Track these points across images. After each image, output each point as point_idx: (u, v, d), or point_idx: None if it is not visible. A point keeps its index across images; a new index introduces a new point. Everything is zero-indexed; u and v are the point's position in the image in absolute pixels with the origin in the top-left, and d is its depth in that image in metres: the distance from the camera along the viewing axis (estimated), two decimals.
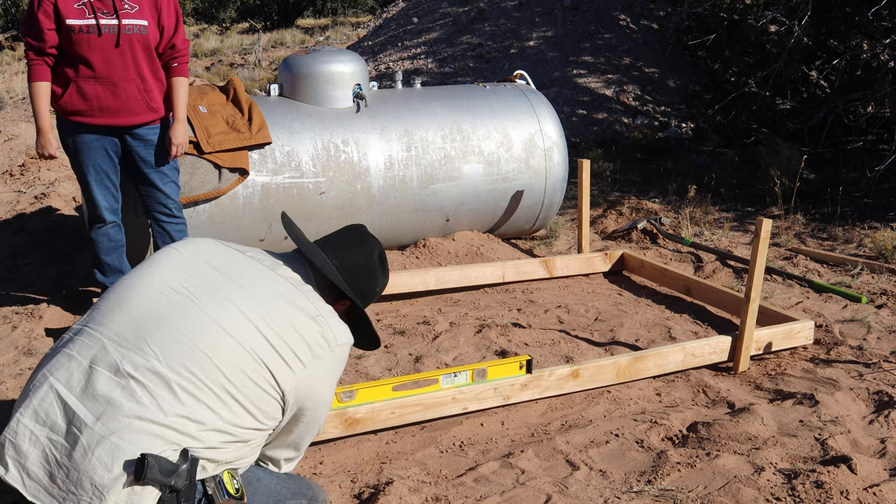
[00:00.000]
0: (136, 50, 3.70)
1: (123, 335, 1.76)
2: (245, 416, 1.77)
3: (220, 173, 4.40)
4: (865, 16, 7.53)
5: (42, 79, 3.66)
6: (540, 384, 3.25)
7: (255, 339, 1.80)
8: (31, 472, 1.67)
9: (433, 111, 5.14)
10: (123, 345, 1.74)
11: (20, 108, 9.78)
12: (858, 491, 2.60)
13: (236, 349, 1.78)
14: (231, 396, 1.75)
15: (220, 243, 2.04)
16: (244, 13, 21.84)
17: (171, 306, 1.81)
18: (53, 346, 1.84)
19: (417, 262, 4.92)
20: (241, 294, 1.86)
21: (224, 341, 1.77)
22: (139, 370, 1.70)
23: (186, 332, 1.76)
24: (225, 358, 1.76)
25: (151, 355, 1.73)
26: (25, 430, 1.69)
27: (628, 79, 10.05)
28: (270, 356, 1.80)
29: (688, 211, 6.12)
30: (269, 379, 1.80)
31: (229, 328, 1.79)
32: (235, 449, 1.79)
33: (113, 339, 1.76)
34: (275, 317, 1.85)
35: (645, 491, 2.65)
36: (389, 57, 11.30)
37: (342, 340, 1.94)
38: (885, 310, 4.39)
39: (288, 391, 1.83)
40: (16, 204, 6.07)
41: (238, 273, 1.92)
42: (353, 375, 3.55)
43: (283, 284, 1.93)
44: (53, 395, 1.71)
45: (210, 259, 1.95)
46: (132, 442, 1.65)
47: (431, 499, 2.58)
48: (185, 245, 2.01)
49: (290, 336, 1.84)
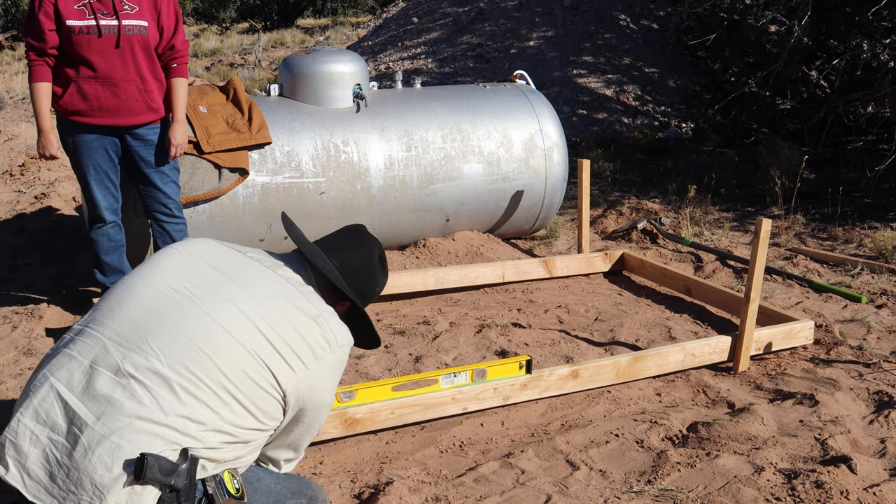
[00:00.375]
0: (136, 50, 3.70)
1: (124, 335, 1.76)
2: (246, 416, 1.77)
3: (220, 173, 4.40)
4: (865, 16, 7.53)
5: (43, 79, 3.66)
6: (540, 384, 3.25)
7: (256, 340, 1.80)
8: (31, 472, 1.67)
9: (433, 111, 5.14)
10: (124, 345, 1.75)
11: (20, 108, 9.79)
12: (858, 491, 2.60)
13: (237, 349, 1.78)
14: (232, 396, 1.75)
15: (220, 244, 2.05)
16: (244, 13, 21.85)
17: (171, 306, 1.81)
18: (54, 347, 1.85)
19: (417, 262, 4.92)
20: (242, 294, 1.86)
21: (225, 341, 1.78)
22: (140, 370, 1.71)
23: (187, 332, 1.77)
24: (226, 358, 1.76)
25: (152, 355, 1.73)
26: (26, 430, 1.69)
27: (628, 79, 10.06)
28: (272, 356, 1.81)
29: (688, 211, 6.12)
30: (271, 379, 1.80)
31: (230, 328, 1.79)
32: (236, 449, 1.80)
33: (114, 339, 1.76)
34: (276, 317, 1.85)
35: (645, 491, 2.65)
36: (389, 57, 11.30)
37: (343, 341, 1.95)
38: (885, 310, 4.39)
39: (289, 392, 1.83)
40: (16, 204, 6.07)
41: (238, 273, 1.92)
42: (353, 375, 3.55)
43: (283, 285, 1.93)
44: (54, 395, 1.71)
45: (210, 259, 1.95)
46: (133, 442, 1.65)
47: (431, 499, 2.58)
48: (186, 245, 2.02)
49: (292, 336, 1.84)
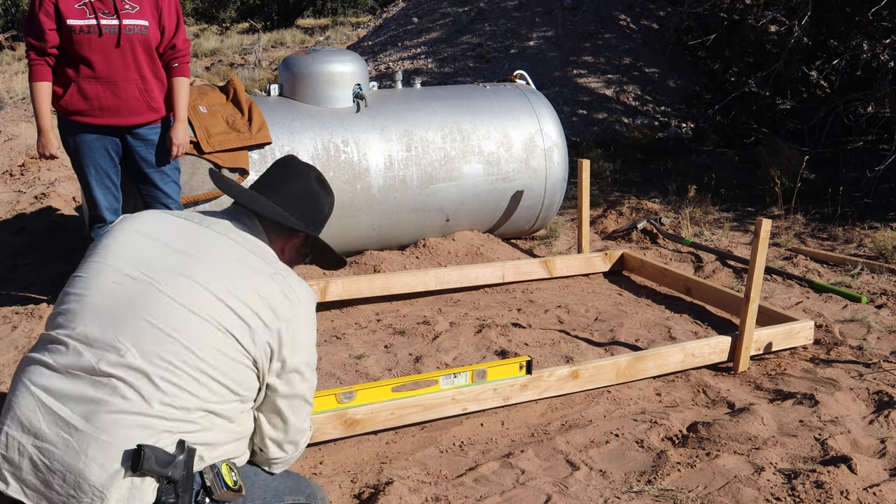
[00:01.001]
0: (137, 50, 3.70)
1: (93, 336, 1.75)
2: (224, 392, 1.77)
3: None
4: (865, 16, 7.53)
5: (43, 79, 3.66)
6: (540, 385, 3.25)
7: (219, 311, 1.79)
8: (27, 483, 1.67)
9: (433, 111, 5.14)
10: (95, 346, 1.73)
11: (20, 108, 9.79)
12: (858, 491, 2.60)
13: (203, 326, 1.77)
14: (208, 376, 1.75)
15: (162, 214, 2.00)
16: (244, 13, 21.85)
17: (131, 295, 1.79)
18: (28, 355, 1.83)
19: (417, 262, 4.92)
20: (198, 267, 1.84)
21: (191, 321, 1.77)
22: (117, 367, 1.70)
23: (152, 321, 1.75)
24: (194, 338, 1.75)
25: (125, 351, 1.72)
26: (14, 441, 1.69)
27: (628, 79, 10.06)
28: (236, 325, 1.79)
29: (688, 211, 6.12)
30: (239, 348, 1.79)
31: (193, 306, 1.78)
32: (224, 431, 1.79)
33: (83, 341, 1.75)
34: (235, 283, 1.83)
35: (645, 491, 2.65)
36: (389, 57, 11.30)
37: (303, 296, 1.92)
38: (885, 310, 4.39)
39: (258, 357, 1.82)
40: (16, 204, 6.07)
41: (189, 244, 1.89)
42: (353, 375, 3.55)
43: (235, 249, 1.91)
44: (36, 403, 1.70)
45: (160, 234, 1.91)
46: (123, 437, 1.65)
47: (431, 499, 2.58)
48: (130, 224, 1.95)
49: (253, 300, 1.83)
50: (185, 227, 1.94)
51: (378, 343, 3.91)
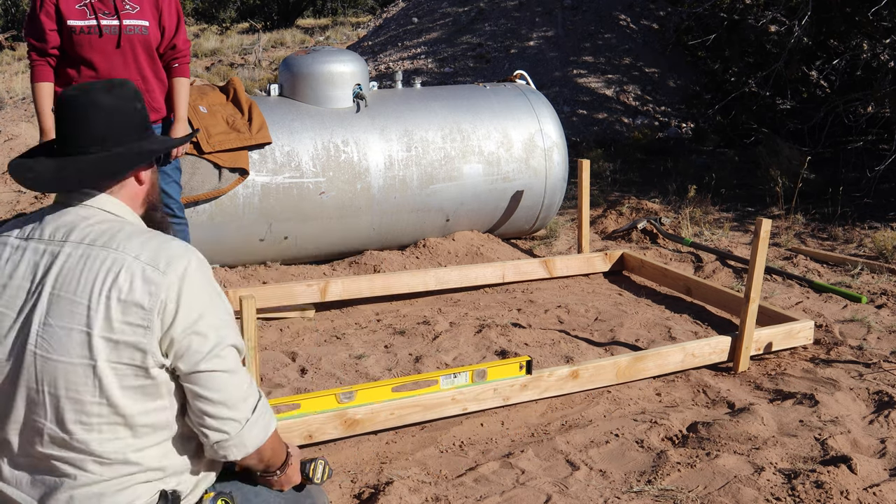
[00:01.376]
0: (138, 50, 3.70)
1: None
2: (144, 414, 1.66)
3: (221, 173, 4.40)
4: (865, 16, 7.53)
5: (44, 79, 3.66)
6: (540, 385, 3.25)
7: (98, 346, 1.61)
8: None
9: (433, 111, 5.14)
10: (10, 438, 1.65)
11: (20, 108, 9.79)
12: (858, 491, 2.60)
13: (89, 372, 1.62)
14: (120, 416, 1.64)
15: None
16: (244, 13, 21.85)
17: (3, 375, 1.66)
18: None
19: (417, 262, 4.93)
20: (47, 304, 1.65)
21: (77, 373, 1.62)
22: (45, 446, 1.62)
23: (40, 387, 1.63)
24: (90, 389, 1.62)
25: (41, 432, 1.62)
26: None
27: (628, 79, 10.06)
28: (120, 350, 1.62)
29: (688, 211, 6.12)
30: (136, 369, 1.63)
31: (69, 355, 1.62)
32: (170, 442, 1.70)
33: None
34: (93, 307, 1.62)
35: (645, 491, 2.65)
36: (389, 57, 11.30)
37: (163, 266, 1.66)
38: (885, 310, 4.39)
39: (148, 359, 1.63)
40: (16, 204, 6.07)
41: (31, 281, 1.68)
42: (353, 375, 3.55)
43: (79, 259, 1.67)
44: None
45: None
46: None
47: (431, 499, 2.58)
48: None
49: (118, 310, 1.62)
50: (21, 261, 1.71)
51: (378, 343, 3.92)
